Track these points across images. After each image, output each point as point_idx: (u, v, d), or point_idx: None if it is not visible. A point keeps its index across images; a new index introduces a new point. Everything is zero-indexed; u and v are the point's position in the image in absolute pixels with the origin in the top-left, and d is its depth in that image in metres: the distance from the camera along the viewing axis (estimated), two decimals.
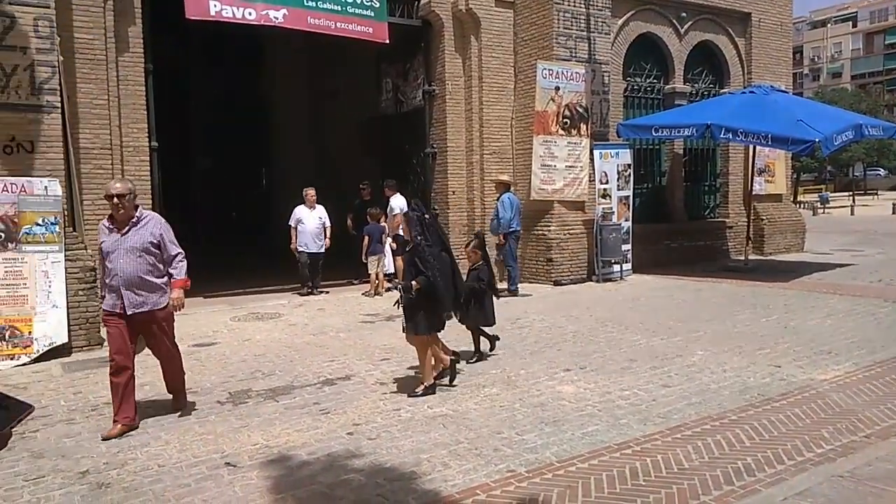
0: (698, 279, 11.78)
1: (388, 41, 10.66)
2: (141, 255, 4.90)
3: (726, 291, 10.69)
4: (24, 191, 7.21)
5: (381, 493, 3.81)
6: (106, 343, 7.67)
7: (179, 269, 5.09)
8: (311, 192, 11.03)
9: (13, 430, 1.31)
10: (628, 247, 12.29)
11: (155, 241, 4.97)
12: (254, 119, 18.08)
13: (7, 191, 7.13)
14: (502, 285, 10.81)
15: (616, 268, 12.00)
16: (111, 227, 4.96)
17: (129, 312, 4.89)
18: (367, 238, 10.93)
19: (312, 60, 16.59)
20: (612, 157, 12.11)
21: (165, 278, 5.06)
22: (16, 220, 7.16)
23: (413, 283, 5.35)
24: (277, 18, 9.59)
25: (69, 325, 7.32)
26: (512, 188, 10.79)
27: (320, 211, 11.06)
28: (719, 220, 14.89)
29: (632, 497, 3.75)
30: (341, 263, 11.75)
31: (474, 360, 6.62)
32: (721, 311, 9.08)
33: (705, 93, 14.47)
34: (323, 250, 11.00)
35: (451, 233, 11.63)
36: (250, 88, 17.97)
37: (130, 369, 4.95)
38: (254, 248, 16.39)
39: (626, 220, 12.33)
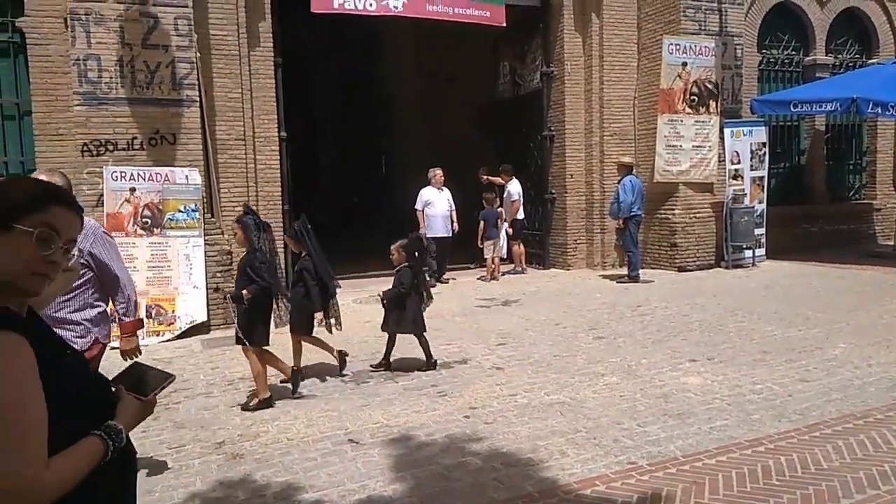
0: (840, 266, 10.89)
1: (505, 24, 10.55)
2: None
3: (872, 279, 9.82)
4: (168, 180, 7.78)
5: (498, 478, 3.80)
6: None
7: (128, 308, 3.65)
8: (438, 173, 10.66)
9: (157, 396, 1.46)
10: (762, 231, 11.56)
11: (84, 261, 3.49)
12: (374, 106, 18.52)
13: (153, 180, 7.72)
14: (622, 271, 10.54)
15: (748, 253, 11.33)
16: None
17: None
18: (482, 223, 10.92)
19: (430, 46, 16.73)
20: (744, 135, 11.40)
21: (93, 312, 3.53)
22: (160, 207, 7.74)
23: (244, 291, 5.03)
24: (397, 7, 9.74)
25: (208, 305, 7.84)
26: (634, 170, 10.41)
27: (447, 193, 10.67)
28: (865, 201, 13.68)
29: (764, 497, 3.52)
30: (455, 248, 11.78)
31: (426, 368, 6.01)
32: (866, 300, 8.35)
33: (850, 64, 13.30)
34: (451, 234, 10.69)
35: (568, 218, 11.42)
36: (370, 76, 18.40)
37: None
38: (375, 233, 16.85)
39: (760, 203, 11.59)
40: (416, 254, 6.20)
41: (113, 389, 1.57)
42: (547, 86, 11.62)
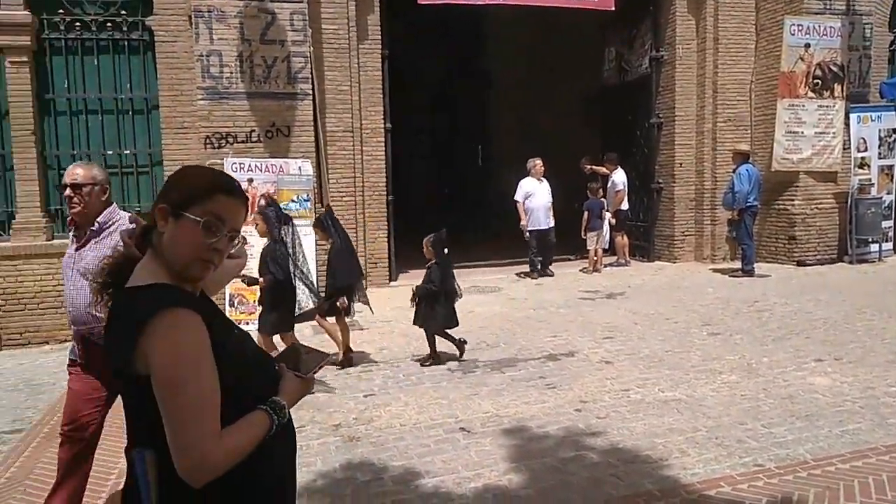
0: None
1: (612, 8, 10.26)
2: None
3: None
4: (282, 171, 8.08)
5: (616, 474, 3.72)
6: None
7: None
8: (538, 163, 10.36)
9: (315, 375, 1.54)
10: (889, 223, 10.77)
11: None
12: (474, 96, 18.50)
13: (269, 171, 8.04)
14: (734, 265, 10.07)
15: (873, 247, 10.56)
16: (74, 234, 3.39)
17: (80, 362, 3.34)
18: (586, 213, 10.71)
19: (531, 33, 16.54)
20: (872, 120, 10.61)
21: None
22: (275, 197, 8.03)
23: (260, 279, 5.27)
24: None
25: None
26: (750, 158, 9.90)
27: (547, 184, 10.39)
28: None
29: None
30: (557, 239, 11.56)
31: (429, 363, 5.98)
32: None
33: None
34: (553, 226, 10.38)
35: (675, 208, 11.02)
36: (470, 66, 18.38)
37: (83, 443, 3.32)
38: (471, 225, 16.89)
39: (889, 193, 10.79)
40: (445, 250, 6.12)
41: (276, 367, 1.64)
42: (656, 71, 11.23)
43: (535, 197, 10.26)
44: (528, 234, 10.26)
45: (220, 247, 1.52)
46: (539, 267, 10.36)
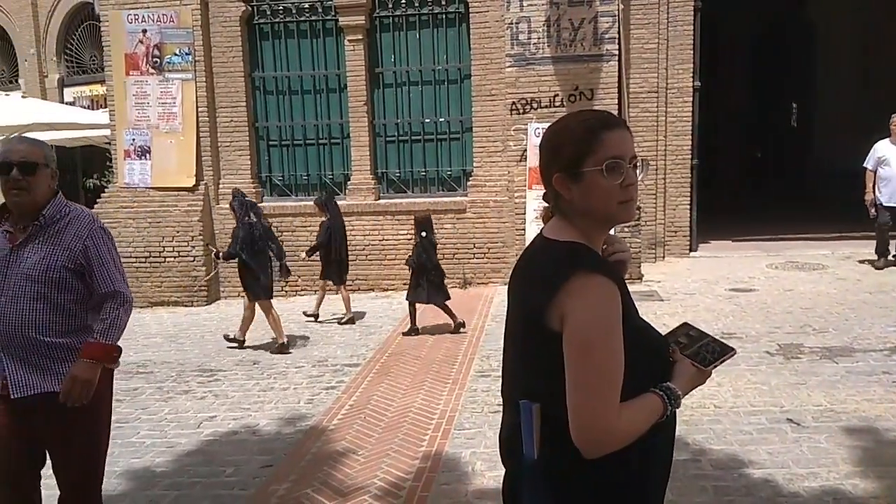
0: None
1: None
2: (39, 291, 2.49)
3: None
4: None
5: None
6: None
7: (105, 326, 2.55)
8: None
9: (715, 368, 1.39)
10: None
11: (74, 265, 2.54)
12: (791, 50, 16.44)
13: None
14: None
15: None
16: (5, 229, 2.57)
17: (13, 395, 2.50)
18: None
19: None
20: None
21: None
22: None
23: (222, 254, 6.33)
24: None
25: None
26: None
27: None
28: None
29: None
30: None
31: (409, 332, 6.36)
32: None
33: None
34: None
35: None
36: (790, 16, 16.30)
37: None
38: (784, 192, 15.15)
39: None
40: (424, 233, 6.41)
41: (669, 348, 1.52)
42: None
43: (890, 164, 8.10)
44: (873, 210, 8.28)
45: (630, 181, 1.43)
46: (889, 250, 8.30)
